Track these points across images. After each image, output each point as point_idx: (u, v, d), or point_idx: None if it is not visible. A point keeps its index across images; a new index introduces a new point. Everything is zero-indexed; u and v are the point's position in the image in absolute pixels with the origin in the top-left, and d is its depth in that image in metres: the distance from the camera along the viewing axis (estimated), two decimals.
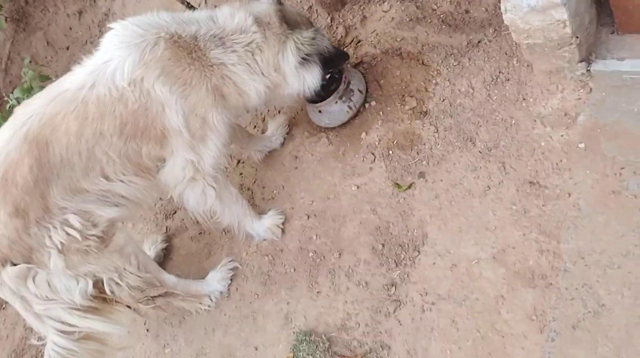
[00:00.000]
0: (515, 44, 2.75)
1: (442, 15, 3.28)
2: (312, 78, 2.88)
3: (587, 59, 2.54)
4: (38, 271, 2.64)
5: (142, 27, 2.61)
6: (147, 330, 3.41)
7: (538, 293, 2.44)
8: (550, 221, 2.52)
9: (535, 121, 2.72)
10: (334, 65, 3.05)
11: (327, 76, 3.05)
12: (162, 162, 2.78)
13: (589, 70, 2.56)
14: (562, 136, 2.63)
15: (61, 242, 2.59)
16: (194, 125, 2.68)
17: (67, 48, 5.37)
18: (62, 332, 2.75)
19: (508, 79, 2.86)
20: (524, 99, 2.79)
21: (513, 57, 2.88)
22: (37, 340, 2.93)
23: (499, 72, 2.90)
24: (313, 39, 2.84)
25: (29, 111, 2.58)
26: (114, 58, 2.58)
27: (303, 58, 2.83)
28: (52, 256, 2.60)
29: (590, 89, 2.61)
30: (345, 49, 3.50)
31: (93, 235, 2.66)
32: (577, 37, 2.38)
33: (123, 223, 2.97)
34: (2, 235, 2.53)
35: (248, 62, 2.74)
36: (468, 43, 3.09)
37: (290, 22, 2.84)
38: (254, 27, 2.73)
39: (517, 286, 2.50)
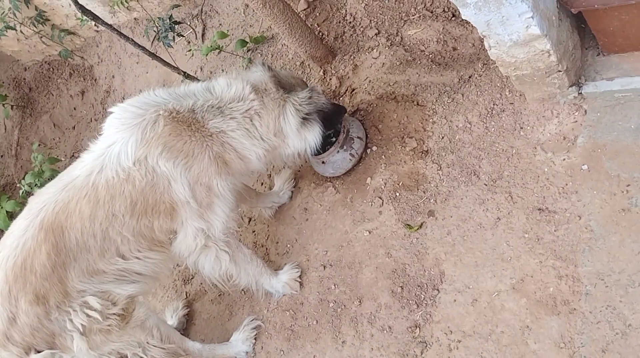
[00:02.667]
0: (506, 76, 2.80)
1: (430, 55, 3.36)
2: (313, 136, 2.95)
3: (577, 83, 2.59)
4: (62, 356, 2.65)
5: (141, 107, 2.69)
6: None
7: (563, 319, 2.43)
8: (565, 246, 2.53)
9: (535, 148, 2.75)
10: (333, 122, 3.12)
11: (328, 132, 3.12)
12: (174, 234, 2.82)
13: (580, 93, 2.60)
14: (564, 159, 2.65)
15: (82, 325, 2.62)
16: (200, 194, 2.74)
17: (74, 127, 5.50)
18: None
19: (503, 110, 2.91)
20: (521, 127, 2.82)
21: (505, 88, 2.93)
22: None
23: (494, 104, 2.95)
24: (310, 97, 2.91)
25: (43, 200, 2.65)
26: (117, 141, 2.66)
27: (303, 118, 2.89)
28: (75, 340, 2.62)
29: (585, 111, 2.65)
30: (340, 99, 3.58)
31: (113, 314, 2.69)
32: (563, 64, 2.43)
33: (142, 297, 2.99)
34: (24, 324, 2.56)
35: (247, 127, 2.81)
36: (459, 79, 3.15)
37: (285, 86, 2.92)
38: (252, 95, 2.81)
39: (540, 315, 2.48)
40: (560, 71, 2.45)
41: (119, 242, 2.68)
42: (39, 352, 2.63)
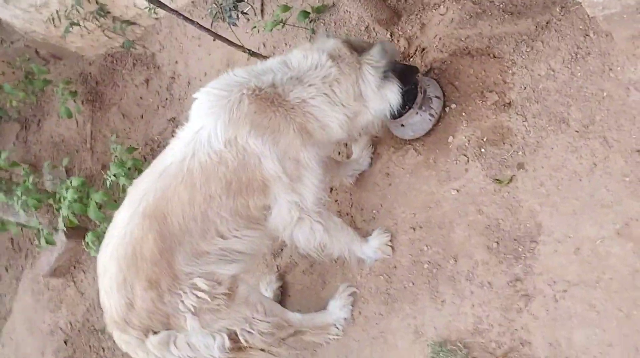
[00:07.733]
0: (588, 16, 2.70)
1: (501, 5, 3.26)
2: (393, 94, 2.94)
3: None
4: (177, 335, 2.78)
5: (225, 89, 2.75)
6: None
7: None
8: None
9: (628, 88, 2.66)
10: (407, 80, 3.09)
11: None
12: (269, 210, 2.89)
13: None
14: None
15: (193, 305, 2.73)
16: (290, 167, 2.79)
17: (142, 116, 5.65)
18: None
19: (589, 53, 2.81)
20: (610, 69, 2.73)
21: (589, 30, 2.83)
22: None
23: (577, 48, 2.85)
24: (382, 49, 2.90)
25: (142, 190, 2.76)
26: (206, 125, 2.74)
27: (380, 77, 2.89)
28: (188, 320, 2.74)
29: None
30: (411, 60, 3.53)
31: (220, 293, 2.80)
32: None
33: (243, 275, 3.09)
34: (141, 308, 2.70)
35: (326, 92, 2.83)
36: (536, 26, 3.06)
37: (358, 49, 2.91)
38: (329, 62, 2.83)
39: None
40: None
41: (217, 223, 2.76)
42: (155, 333, 2.78)
